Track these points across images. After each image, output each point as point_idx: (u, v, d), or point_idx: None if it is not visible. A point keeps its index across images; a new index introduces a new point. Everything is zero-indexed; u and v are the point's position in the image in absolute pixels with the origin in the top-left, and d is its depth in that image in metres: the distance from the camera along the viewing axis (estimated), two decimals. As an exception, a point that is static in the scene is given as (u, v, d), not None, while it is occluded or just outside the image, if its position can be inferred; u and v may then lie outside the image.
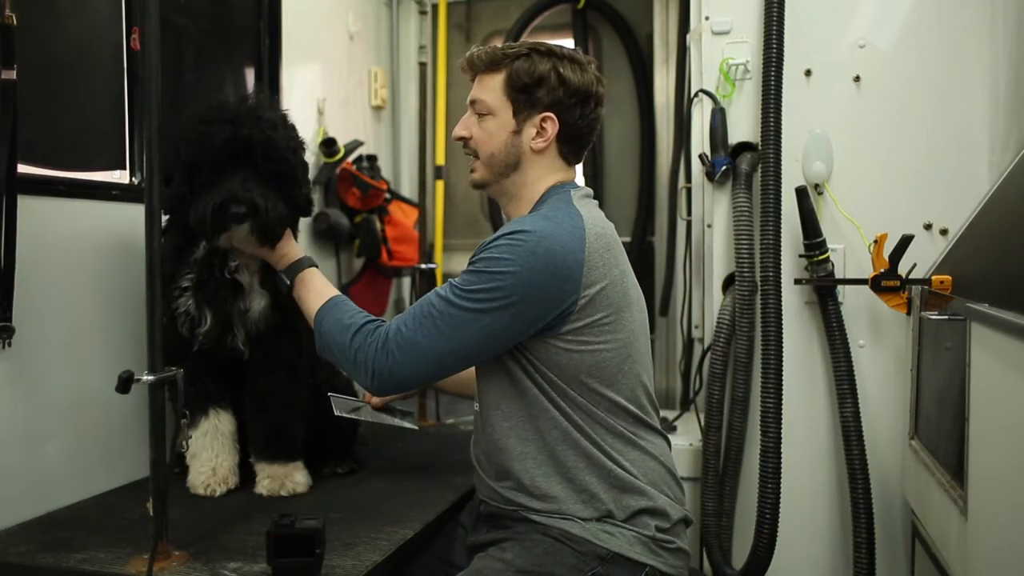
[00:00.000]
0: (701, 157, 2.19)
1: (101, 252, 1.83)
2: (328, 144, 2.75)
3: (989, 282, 1.74)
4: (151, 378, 1.37)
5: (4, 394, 1.60)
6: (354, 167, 2.88)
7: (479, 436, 1.62)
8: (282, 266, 1.71)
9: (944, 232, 2.00)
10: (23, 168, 1.59)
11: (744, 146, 2.15)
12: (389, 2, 3.30)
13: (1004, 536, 1.30)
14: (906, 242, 1.91)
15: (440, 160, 3.26)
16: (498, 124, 1.59)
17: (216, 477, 1.78)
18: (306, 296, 1.66)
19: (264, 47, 2.49)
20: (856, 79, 2.06)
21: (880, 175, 2.05)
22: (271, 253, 1.72)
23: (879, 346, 2.07)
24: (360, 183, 2.84)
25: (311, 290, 1.66)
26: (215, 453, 1.79)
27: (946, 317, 1.68)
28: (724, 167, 2.11)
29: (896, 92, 2.04)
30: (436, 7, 3.32)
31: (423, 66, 2.92)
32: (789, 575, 2.06)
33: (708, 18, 2.17)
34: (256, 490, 1.79)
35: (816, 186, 2.07)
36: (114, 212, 1.85)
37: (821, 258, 2.01)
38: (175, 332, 1.73)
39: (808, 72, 2.09)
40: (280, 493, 1.78)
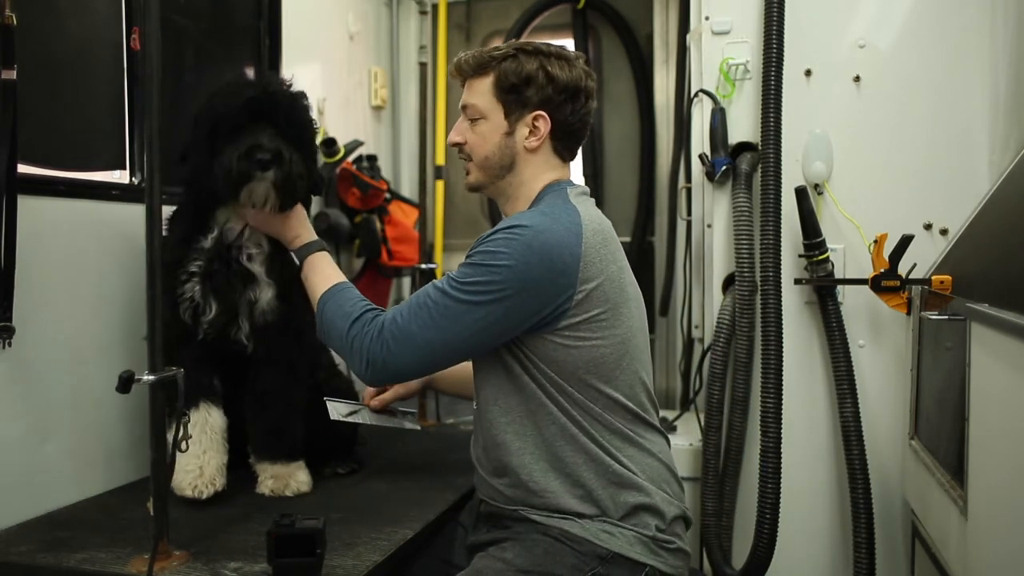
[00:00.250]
0: (701, 157, 2.19)
1: (101, 252, 1.83)
2: (328, 144, 2.75)
3: (989, 282, 1.74)
4: (151, 378, 1.37)
5: (4, 394, 1.60)
6: (354, 167, 2.88)
7: (478, 433, 1.62)
8: (295, 246, 1.71)
9: (944, 232, 2.01)
10: (23, 168, 1.59)
11: (744, 146, 2.15)
12: (389, 2, 3.30)
13: (1004, 536, 1.30)
14: (906, 242, 1.91)
15: (440, 160, 3.26)
16: (491, 127, 1.60)
17: (203, 478, 1.67)
18: (313, 279, 1.66)
19: (264, 47, 2.48)
20: (856, 79, 2.06)
21: (880, 175, 2.05)
22: (285, 229, 1.71)
23: (879, 346, 2.07)
24: (360, 183, 2.84)
25: (319, 273, 1.66)
26: (203, 449, 1.68)
27: (946, 317, 1.69)
28: (724, 167, 2.12)
29: (896, 92, 2.04)
30: (436, 7, 3.32)
31: (423, 66, 2.92)
32: (789, 575, 2.07)
33: (708, 18, 2.17)
34: (258, 490, 1.78)
35: (816, 186, 2.07)
36: (114, 212, 1.85)
37: (821, 258, 2.01)
38: (177, 319, 1.70)
39: (808, 72, 2.09)
40: (285, 493, 1.77)
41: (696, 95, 2.23)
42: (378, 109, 3.21)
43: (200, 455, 1.68)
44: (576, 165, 3.24)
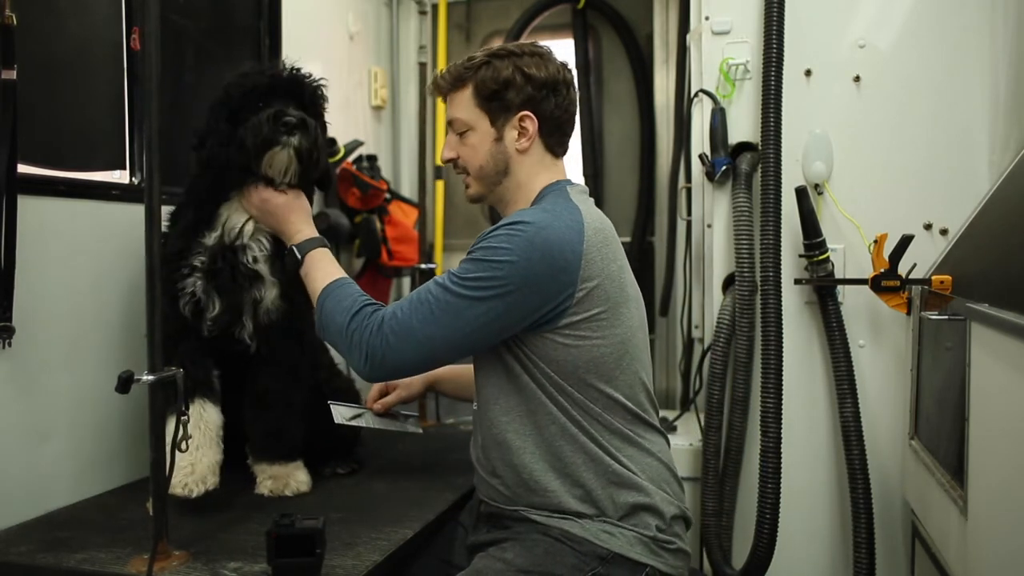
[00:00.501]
0: (701, 157, 2.19)
1: (101, 252, 1.83)
2: (328, 144, 2.74)
3: (989, 282, 1.74)
4: (151, 378, 1.37)
5: (4, 394, 1.60)
6: (354, 167, 2.88)
7: (477, 433, 1.62)
8: (297, 240, 1.70)
9: (944, 232, 2.00)
10: (23, 168, 1.59)
11: (744, 146, 2.15)
12: (389, 2, 3.30)
13: (1004, 536, 1.30)
14: (906, 242, 1.91)
15: (440, 160, 3.25)
16: (479, 137, 1.61)
17: (194, 475, 1.61)
18: (313, 274, 1.65)
19: (264, 47, 2.49)
20: (856, 79, 2.06)
21: (880, 175, 2.05)
22: (287, 222, 1.70)
23: (879, 346, 2.07)
24: (360, 183, 2.84)
25: (319, 269, 1.65)
26: (196, 446, 1.63)
27: (946, 317, 1.68)
28: (724, 167, 2.12)
29: (896, 92, 2.04)
30: (436, 7, 3.32)
31: (423, 66, 2.93)
32: (789, 575, 2.06)
33: (708, 18, 2.17)
34: (257, 491, 1.78)
35: (816, 186, 2.07)
36: (114, 212, 1.85)
37: (821, 258, 2.01)
38: (177, 313, 1.68)
39: (808, 72, 2.09)
40: (284, 493, 1.77)
41: (696, 95, 2.23)
42: (378, 109, 3.21)
43: (193, 451, 1.63)
44: (576, 165, 3.25)
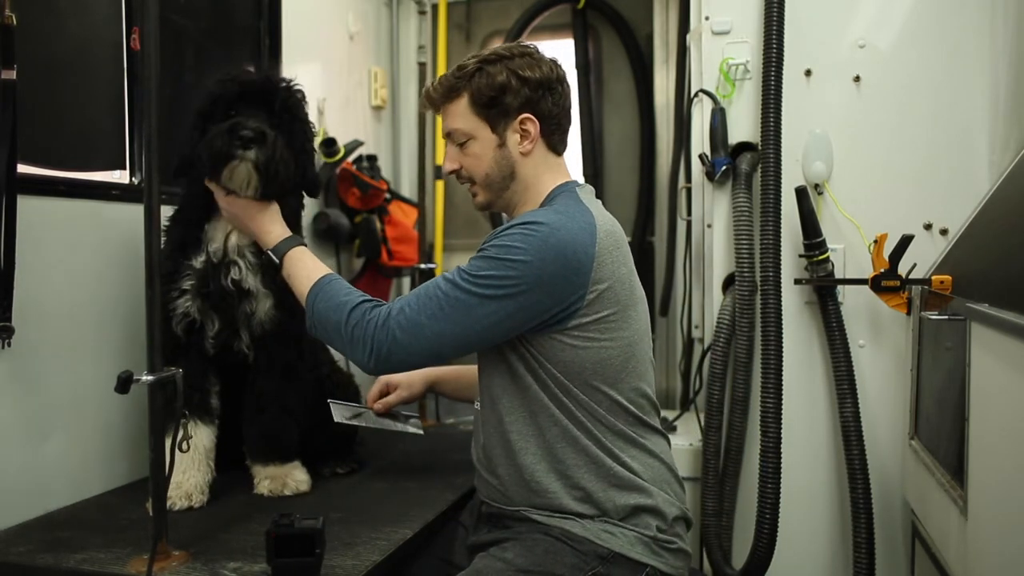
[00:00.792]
0: (701, 157, 2.19)
1: (101, 252, 1.83)
2: (328, 144, 2.75)
3: (989, 282, 1.74)
4: (150, 378, 1.37)
5: (4, 394, 1.60)
6: (354, 167, 2.88)
7: (479, 432, 1.62)
8: (271, 242, 1.67)
9: (944, 232, 2.01)
10: (23, 168, 1.59)
11: (744, 146, 2.15)
12: (389, 2, 3.29)
13: (1004, 536, 1.30)
14: (906, 242, 1.91)
15: (440, 160, 3.26)
16: (482, 145, 1.59)
17: (179, 491, 1.66)
18: (297, 274, 1.62)
19: (264, 47, 2.49)
20: (856, 79, 2.06)
21: (880, 175, 2.05)
22: (257, 224, 1.67)
23: (879, 346, 2.07)
24: (360, 183, 2.84)
25: (302, 268, 1.62)
26: (182, 469, 1.67)
27: (946, 317, 1.68)
28: (724, 167, 2.12)
29: (896, 92, 2.04)
30: (436, 7, 3.32)
31: (423, 66, 2.93)
32: (789, 575, 2.06)
33: (708, 18, 2.17)
34: (256, 491, 1.78)
35: (816, 186, 2.07)
36: (114, 212, 1.85)
37: (821, 258, 2.01)
38: (171, 333, 1.69)
39: (808, 72, 2.09)
40: (284, 493, 1.77)
41: (696, 95, 2.23)
42: (378, 109, 3.21)
43: (180, 473, 1.66)
44: (576, 165, 3.25)
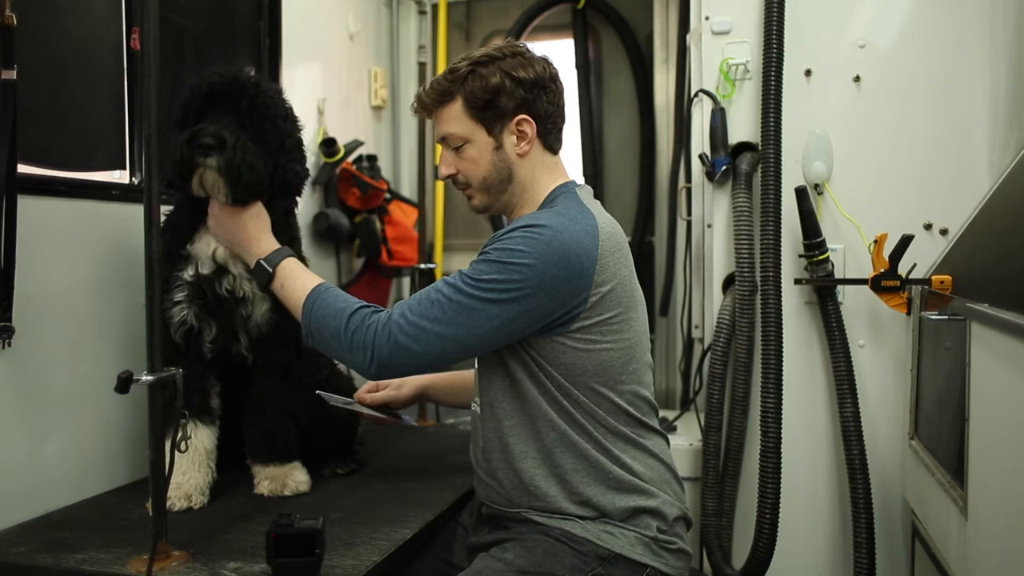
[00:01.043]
0: (701, 157, 2.19)
1: (101, 252, 1.82)
2: (328, 144, 2.75)
3: (989, 282, 1.74)
4: (150, 378, 1.36)
5: (4, 394, 1.60)
6: (354, 167, 2.88)
7: (478, 435, 1.61)
8: (261, 253, 1.63)
9: (944, 232, 2.01)
10: (23, 168, 1.59)
11: (744, 146, 2.15)
12: (389, 2, 3.29)
13: (1004, 536, 1.30)
14: (906, 242, 1.91)
15: (440, 160, 3.26)
16: (478, 148, 1.58)
17: (179, 492, 1.66)
18: (290, 285, 1.60)
19: (264, 47, 2.49)
20: (856, 79, 2.06)
21: (880, 175, 2.05)
22: (244, 233, 1.64)
23: (879, 346, 2.07)
24: (360, 183, 2.84)
25: (296, 279, 1.60)
26: (183, 470, 1.67)
27: (946, 317, 1.68)
28: (724, 167, 2.12)
29: (896, 92, 2.04)
30: (436, 7, 3.31)
31: (423, 66, 2.92)
32: (789, 575, 2.06)
33: (708, 18, 2.17)
34: (256, 491, 1.78)
35: (816, 186, 2.07)
36: (114, 212, 1.85)
37: (821, 258, 2.01)
38: (169, 339, 1.68)
39: (808, 72, 2.09)
40: (284, 493, 1.77)
41: (696, 95, 2.23)
42: (378, 109, 3.21)
43: (180, 475, 1.66)
44: (576, 165, 3.25)
